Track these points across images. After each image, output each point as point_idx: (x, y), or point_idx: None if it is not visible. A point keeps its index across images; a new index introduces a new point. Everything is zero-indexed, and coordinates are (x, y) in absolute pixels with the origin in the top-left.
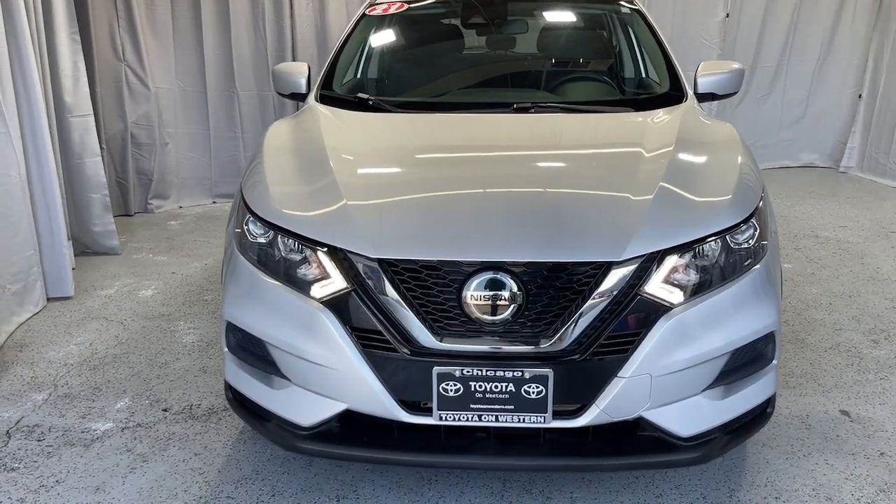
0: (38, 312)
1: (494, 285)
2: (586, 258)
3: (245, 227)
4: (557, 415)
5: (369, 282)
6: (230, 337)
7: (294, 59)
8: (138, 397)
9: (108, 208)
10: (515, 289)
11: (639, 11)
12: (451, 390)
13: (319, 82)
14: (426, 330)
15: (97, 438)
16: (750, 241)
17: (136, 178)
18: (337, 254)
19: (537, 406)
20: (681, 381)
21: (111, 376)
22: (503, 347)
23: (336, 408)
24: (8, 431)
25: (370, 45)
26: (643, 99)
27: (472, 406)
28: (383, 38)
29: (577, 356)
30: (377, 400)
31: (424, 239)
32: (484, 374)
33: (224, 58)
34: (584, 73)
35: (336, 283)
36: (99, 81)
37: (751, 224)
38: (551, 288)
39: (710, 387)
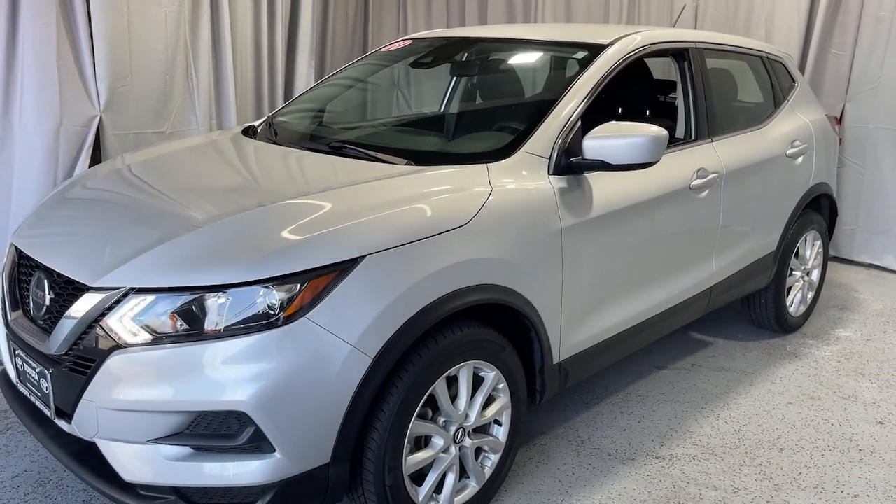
0: None
1: (39, 284)
2: (73, 275)
3: None
4: (62, 414)
5: (8, 259)
6: None
7: None
8: None
9: None
10: (47, 290)
11: (590, 59)
12: (19, 365)
13: (274, 112)
14: (7, 305)
15: None
16: (270, 305)
17: None
18: None
19: (46, 400)
20: (125, 422)
21: None
22: (31, 339)
23: None
24: None
25: (352, 77)
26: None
27: (27, 383)
28: (361, 72)
29: (61, 365)
30: (6, 358)
31: (30, 230)
32: (26, 359)
33: None
34: (467, 120)
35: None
36: None
37: (269, 287)
38: (63, 297)
39: (166, 441)
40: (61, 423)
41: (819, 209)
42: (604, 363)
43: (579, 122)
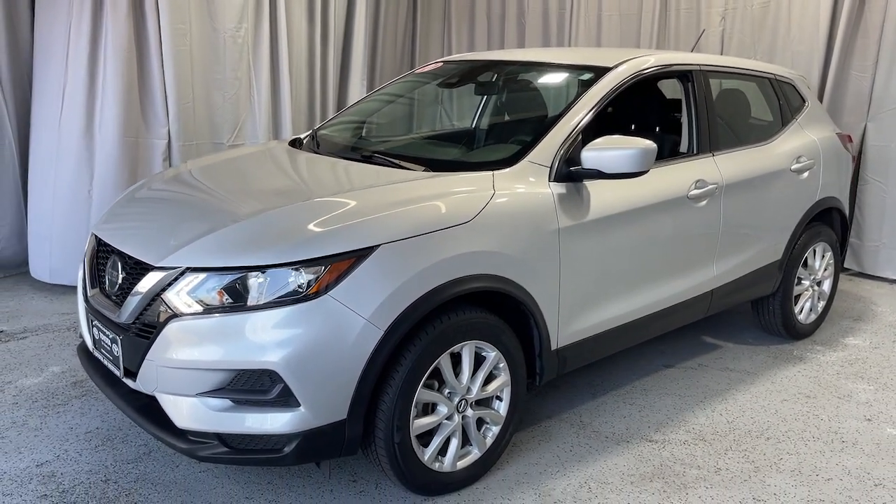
0: None
1: (114, 265)
2: (141, 257)
3: None
4: (129, 374)
5: (89, 246)
6: None
7: None
8: None
9: None
10: (121, 269)
11: (594, 80)
12: (96, 334)
13: (318, 126)
14: (87, 284)
15: None
16: (299, 284)
17: None
18: None
19: (116, 362)
20: (178, 378)
21: None
22: (106, 311)
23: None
24: None
25: (389, 95)
26: (461, 161)
27: (101, 350)
28: (397, 90)
29: (129, 332)
30: (84, 329)
31: (107, 223)
32: (101, 328)
33: None
34: (483, 134)
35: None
36: None
37: (298, 269)
38: (132, 276)
39: (211, 395)
40: (128, 381)
41: (830, 222)
42: (602, 353)
43: (580, 136)
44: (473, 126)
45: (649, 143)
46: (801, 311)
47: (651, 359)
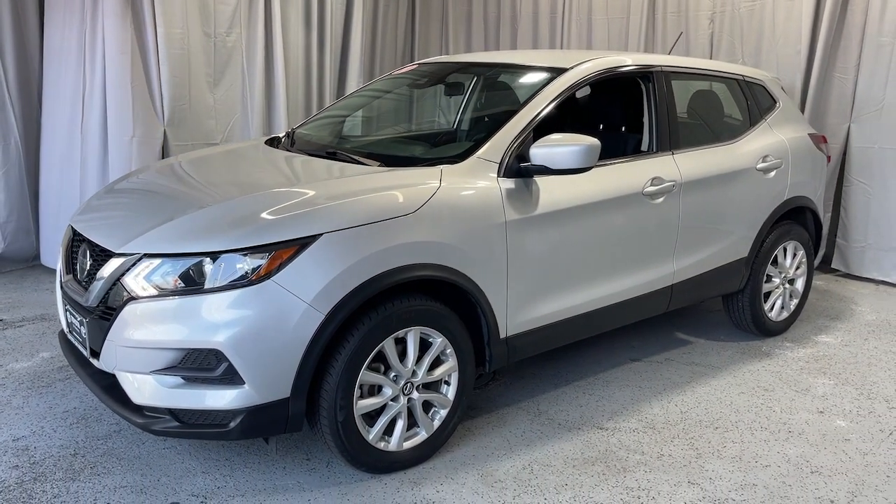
0: None
1: (83, 252)
2: (104, 244)
3: None
4: (94, 354)
5: (65, 236)
6: None
7: None
8: None
9: None
10: (89, 257)
11: (549, 80)
12: (69, 317)
13: (298, 125)
14: (63, 269)
15: None
16: (247, 269)
17: None
18: None
19: (84, 343)
20: (134, 357)
21: None
22: (76, 296)
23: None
24: None
25: (369, 94)
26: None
27: (73, 332)
28: (375, 91)
29: (94, 314)
30: (60, 313)
31: (81, 214)
32: (73, 312)
33: None
34: (444, 131)
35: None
36: None
37: (246, 255)
38: (98, 262)
39: (163, 373)
40: (94, 361)
41: (803, 222)
42: (553, 343)
43: (532, 134)
44: (439, 125)
45: (593, 141)
46: (772, 309)
47: (620, 353)
